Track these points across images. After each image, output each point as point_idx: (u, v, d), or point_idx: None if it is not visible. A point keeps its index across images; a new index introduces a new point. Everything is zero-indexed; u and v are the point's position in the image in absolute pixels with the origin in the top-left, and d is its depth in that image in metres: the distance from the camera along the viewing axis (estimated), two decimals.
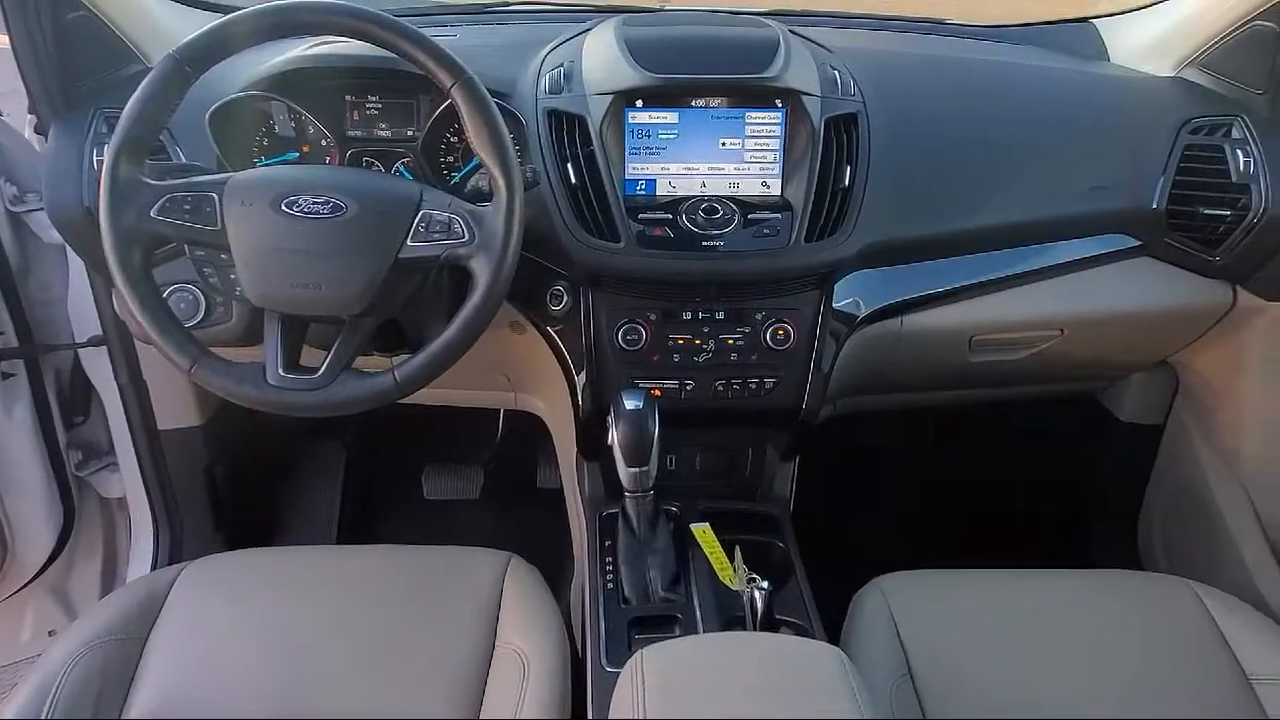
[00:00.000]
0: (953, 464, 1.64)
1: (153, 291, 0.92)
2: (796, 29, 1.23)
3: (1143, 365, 1.40)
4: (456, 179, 1.16)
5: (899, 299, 1.15)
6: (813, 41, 1.21)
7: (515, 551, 1.13)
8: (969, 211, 1.15)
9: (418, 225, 0.91)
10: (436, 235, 0.92)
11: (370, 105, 1.14)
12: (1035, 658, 1.01)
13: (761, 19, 1.21)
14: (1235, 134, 1.18)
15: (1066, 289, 1.20)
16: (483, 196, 0.97)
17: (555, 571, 1.35)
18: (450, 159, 1.16)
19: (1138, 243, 1.20)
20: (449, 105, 0.94)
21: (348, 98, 1.13)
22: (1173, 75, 1.30)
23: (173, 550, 1.44)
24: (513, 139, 1.10)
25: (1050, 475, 1.65)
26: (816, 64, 1.14)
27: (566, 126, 1.07)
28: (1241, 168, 1.15)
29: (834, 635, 1.06)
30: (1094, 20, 1.47)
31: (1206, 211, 1.16)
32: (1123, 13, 1.43)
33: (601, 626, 0.98)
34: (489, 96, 0.92)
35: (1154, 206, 1.17)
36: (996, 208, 1.16)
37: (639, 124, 1.10)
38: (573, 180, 1.06)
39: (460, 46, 1.17)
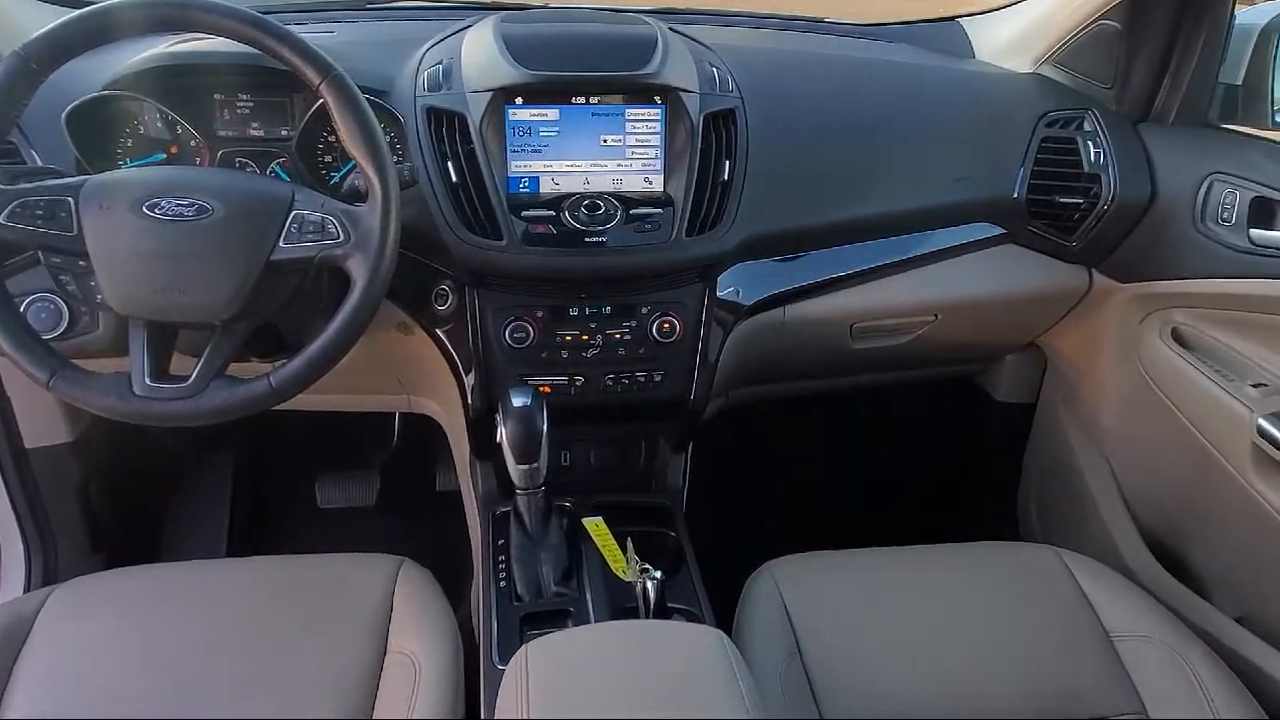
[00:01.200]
0: (843, 448, 1.70)
1: (5, 301, 0.87)
2: (677, 27, 1.25)
3: (1013, 347, 1.47)
4: (336, 179, 1.14)
5: (781, 290, 1.19)
6: (692, 39, 1.23)
7: (415, 556, 1.11)
8: (843, 203, 1.19)
9: (290, 226, 0.89)
10: (310, 236, 0.90)
11: (241, 104, 1.10)
12: (916, 629, 1.06)
13: (641, 17, 1.23)
14: (1087, 126, 1.25)
15: (939, 276, 1.26)
16: (360, 196, 0.95)
17: (457, 574, 1.34)
18: (328, 159, 1.14)
19: (1002, 231, 1.26)
20: (323, 103, 0.92)
21: (216, 96, 1.10)
22: (1031, 72, 1.37)
23: (46, 574, 1.36)
24: (391, 137, 1.09)
25: (934, 455, 1.72)
26: (695, 61, 1.16)
27: (446, 124, 1.07)
28: (1093, 158, 1.22)
29: (729, 621, 1.08)
30: (960, 19, 1.53)
31: (1062, 200, 1.23)
32: (986, 12, 1.50)
33: (494, 625, 0.98)
34: (359, 94, 0.91)
35: (1015, 196, 1.23)
36: (869, 199, 1.20)
37: (520, 121, 1.09)
38: (453, 179, 1.05)
39: (337, 44, 1.14)
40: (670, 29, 1.21)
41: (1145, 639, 1.04)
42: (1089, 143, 1.23)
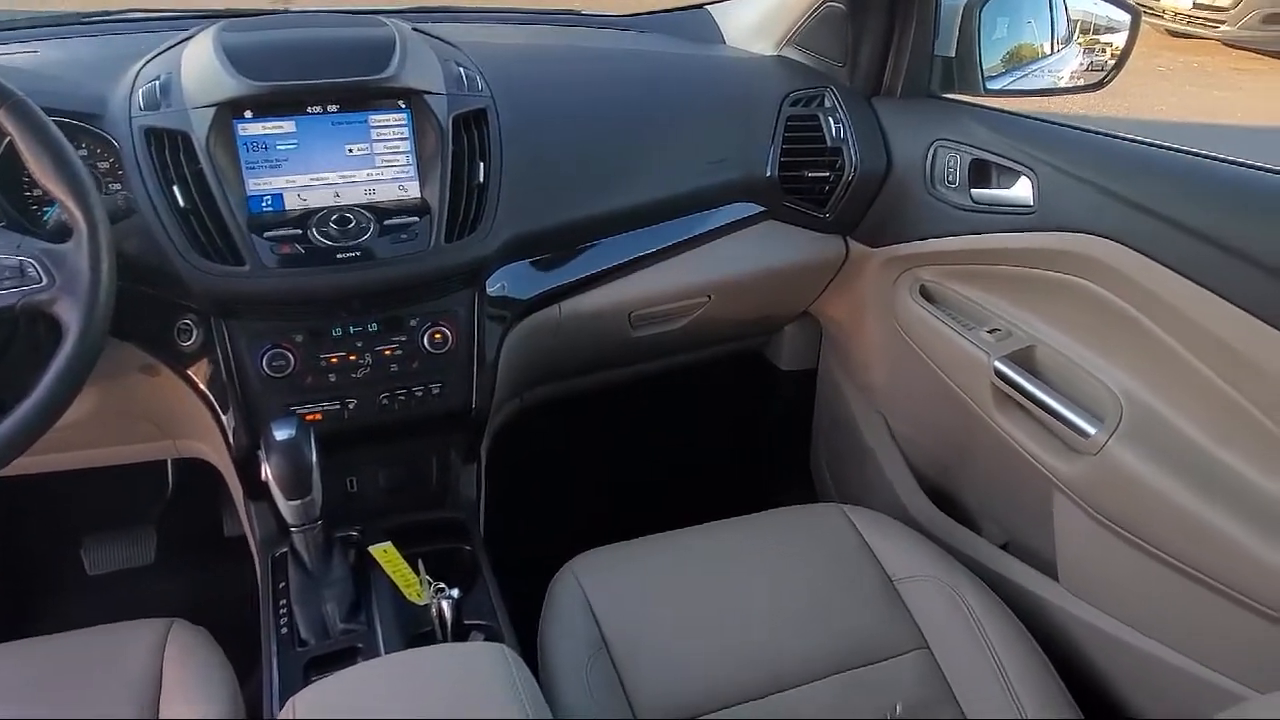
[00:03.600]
0: (643, 436, 1.72)
1: None
2: (421, 26, 1.21)
3: (788, 318, 1.54)
4: (49, 215, 1.02)
5: (553, 286, 1.18)
6: (437, 38, 1.20)
7: (203, 613, 1.03)
8: (605, 195, 1.20)
9: None
10: (7, 283, 0.80)
11: None
12: (716, 605, 1.09)
13: (378, 17, 1.18)
14: (827, 103, 1.32)
15: (708, 258, 1.29)
16: (69, 233, 0.86)
17: (255, 623, 1.25)
18: (36, 193, 1.02)
19: (762, 208, 1.31)
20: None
21: None
22: (775, 54, 1.43)
23: None
24: (110, 164, 0.99)
25: (731, 429, 1.78)
26: (440, 61, 1.12)
27: (168, 145, 0.98)
28: (834, 133, 1.29)
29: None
30: (708, 6, 1.58)
31: (811, 175, 1.29)
32: None
33: (274, 675, 0.92)
34: (45, 120, 0.82)
35: (768, 175, 1.28)
36: (631, 189, 1.22)
37: (252, 136, 1.02)
38: (181, 203, 0.97)
39: (38, 64, 1.02)
40: (413, 29, 1.17)
41: (923, 579, 1.11)
42: (830, 119, 1.30)
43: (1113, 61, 1.29)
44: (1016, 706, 0.98)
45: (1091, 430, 1.04)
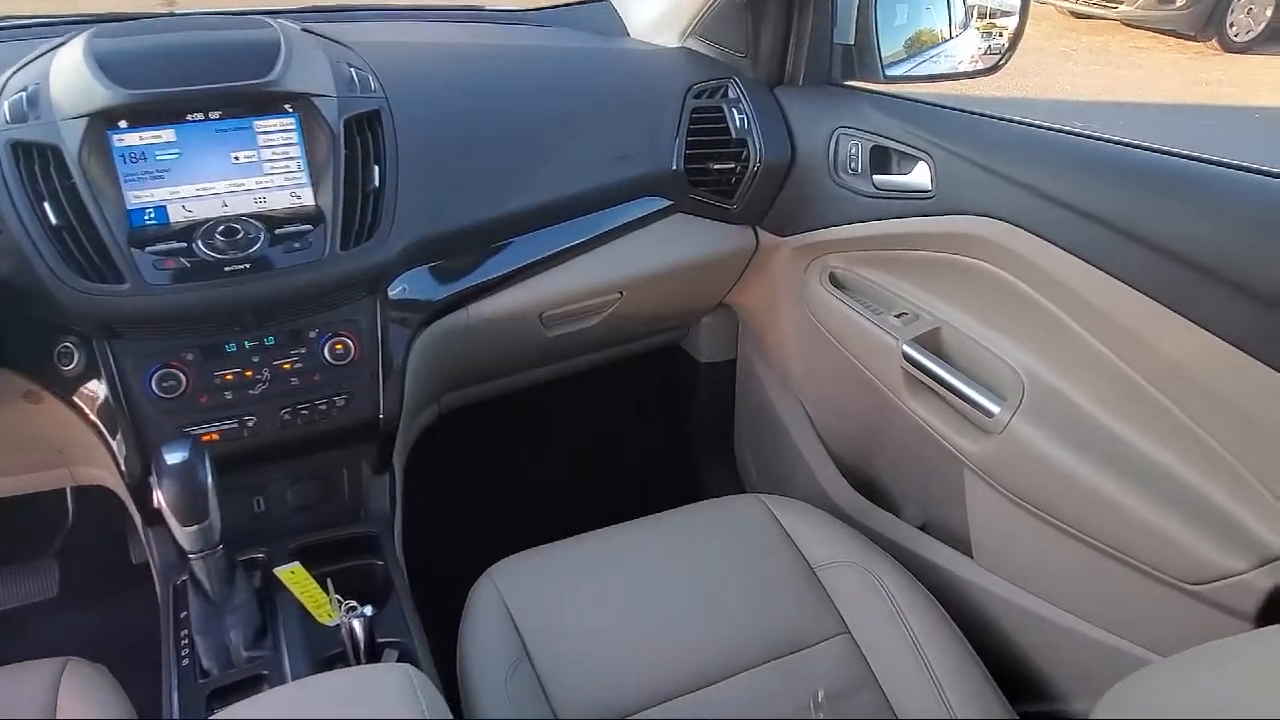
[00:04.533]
0: (567, 435, 1.71)
1: None
2: (311, 27, 1.17)
3: (704, 310, 1.54)
4: None
5: (459, 290, 1.16)
6: (328, 39, 1.16)
7: (111, 645, 0.98)
8: (509, 195, 1.17)
9: None
10: None
11: None
12: (641, 604, 1.08)
13: (263, 18, 1.13)
14: (730, 94, 1.32)
15: (618, 254, 1.28)
16: None
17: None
18: None
19: (670, 202, 1.30)
20: None
21: None
22: (679, 46, 1.42)
23: None
24: None
25: (656, 424, 1.78)
26: (330, 62, 1.08)
27: (37, 159, 0.93)
28: (739, 124, 1.29)
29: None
30: None
31: (716, 167, 1.29)
32: None
33: (175, 710, 0.88)
34: None
35: (674, 168, 1.28)
36: (536, 188, 1.20)
37: (129, 147, 0.97)
38: (54, 220, 0.92)
39: None
40: (302, 29, 1.13)
41: (843, 564, 1.12)
42: (734, 110, 1.30)
43: (1005, 45, 1.32)
44: (935, 684, 0.99)
45: (995, 409, 1.06)
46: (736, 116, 1.30)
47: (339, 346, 1.04)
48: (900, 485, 1.37)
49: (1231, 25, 7.17)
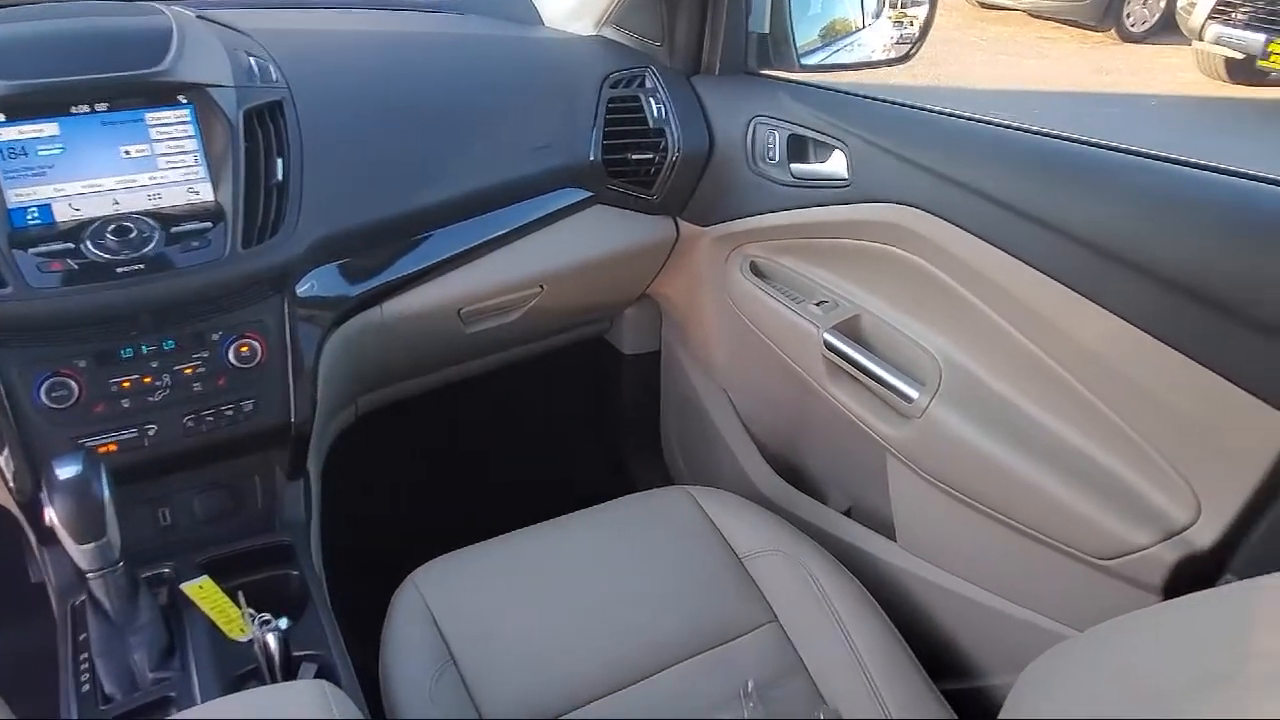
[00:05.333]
0: (493, 432, 1.68)
1: None
2: (208, 14, 1.11)
3: (626, 302, 1.53)
4: None
5: (372, 287, 1.12)
6: (226, 26, 1.11)
7: (9, 671, 0.92)
8: (422, 189, 1.14)
9: None
10: None
11: None
12: (567, 600, 1.06)
13: (155, 4, 1.07)
14: (648, 84, 1.31)
15: (537, 247, 1.26)
16: None
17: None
18: None
19: (589, 194, 1.28)
20: None
21: None
22: (594, 34, 1.40)
23: None
24: None
25: (580, 418, 1.76)
26: (228, 51, 1.03)
27: None
28: (656, 114, 1.28)
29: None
30: None
31: (635, 157, 1.28)
32: None
33: None
34: None
35: (592, 159, 1.26)
36: (451, 180, 1.16)
37: (7, 142, 0.91)
38: None
39: None
40: (198, 16, 1.07)
41: (769, 553, 1.12)
42: (651, 99, 1.29)
43: (916, 34, 1.33)
44: (861, 667, 1.00)
45: (914, 395, 1.07)
46: (654, 106, 1.28)
47: (244, 349, 1.00)
48: (824, 471, 1.38)
49: (1128, 16, 7.49)
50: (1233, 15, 5.89)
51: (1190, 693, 0.51)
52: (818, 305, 1.22)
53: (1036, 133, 1.02)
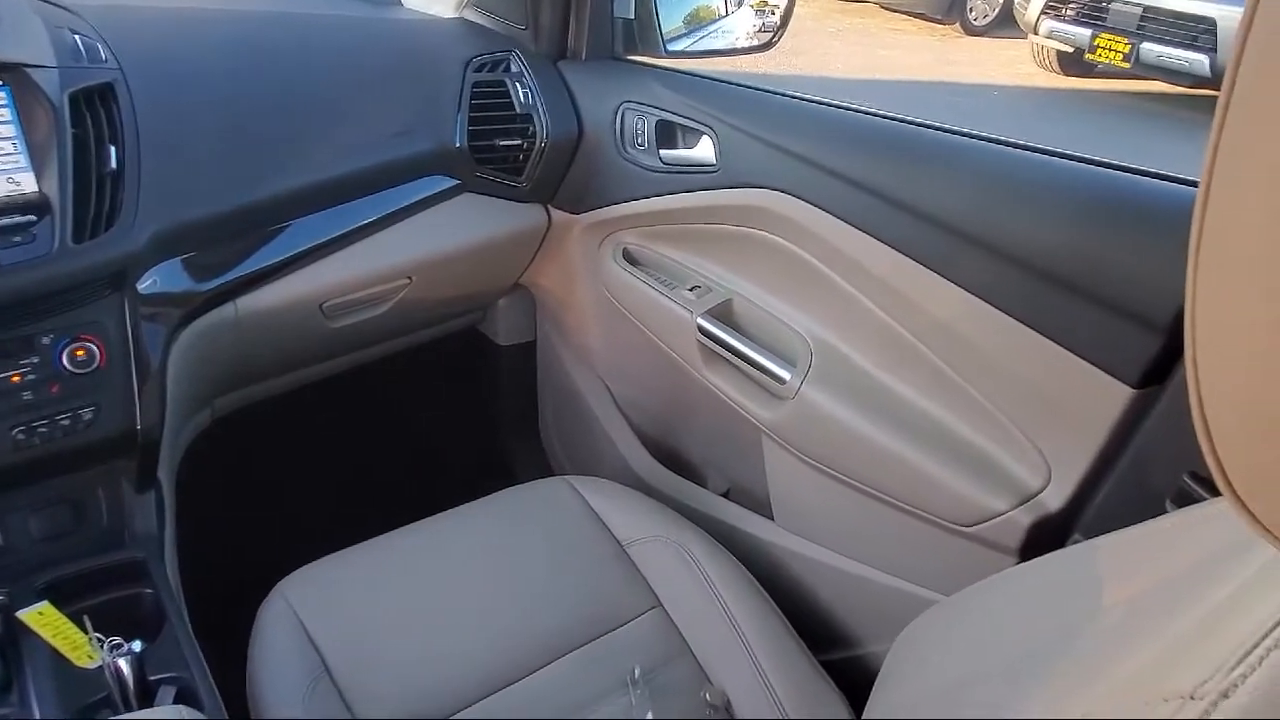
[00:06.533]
0: (365, 431, 1.61)
1: None
2: None
3: (499, 292, 1.50)
4: None
5: (224, 282, 1.05)
6: (48, 2, 1.01)
7: None
8: (275, 176, 1.08)
9: None
10: None
11: None
12: (448, 600, 1.04)
13: None
14: (513, 68, 1.28)
15: (404, 237, 1.21)
16: None
17: None
18: None
19: (456, 181, 1.25)
20: None
21: None
22: (456, 16, 1.36)
23: None
24: None
25: (458, 411, 1.72)
26: (50, 29, 0.94)
27: None
28: (522, 99, 1.26)
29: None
30: None
31: (502, 143, 1.25)
32: None
33: None
34: None
35: (457, 145, 1.22)
36: (307, 166, 1.10)
37: None
38: None
39: None
40: None
41: (651, 539, 1.13)
42: (516, 84, 1.26)
43: (778, 23, 1.36)
44: (744, 645, 1.02)
45: (787, 376, 1.09)
46: (520, 91, 1.26)
47: (80, 353, 0.92)
48: (703, 455, 1.40)
49: (971, 10, 7.93)
50: (1063, 10, 6.32)
51: (1048, 647, 0.54)
52: (691, 291, 1.22)
53: (894, 119, 1.05)
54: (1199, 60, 5.61)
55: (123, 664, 0.82)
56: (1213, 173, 0.25)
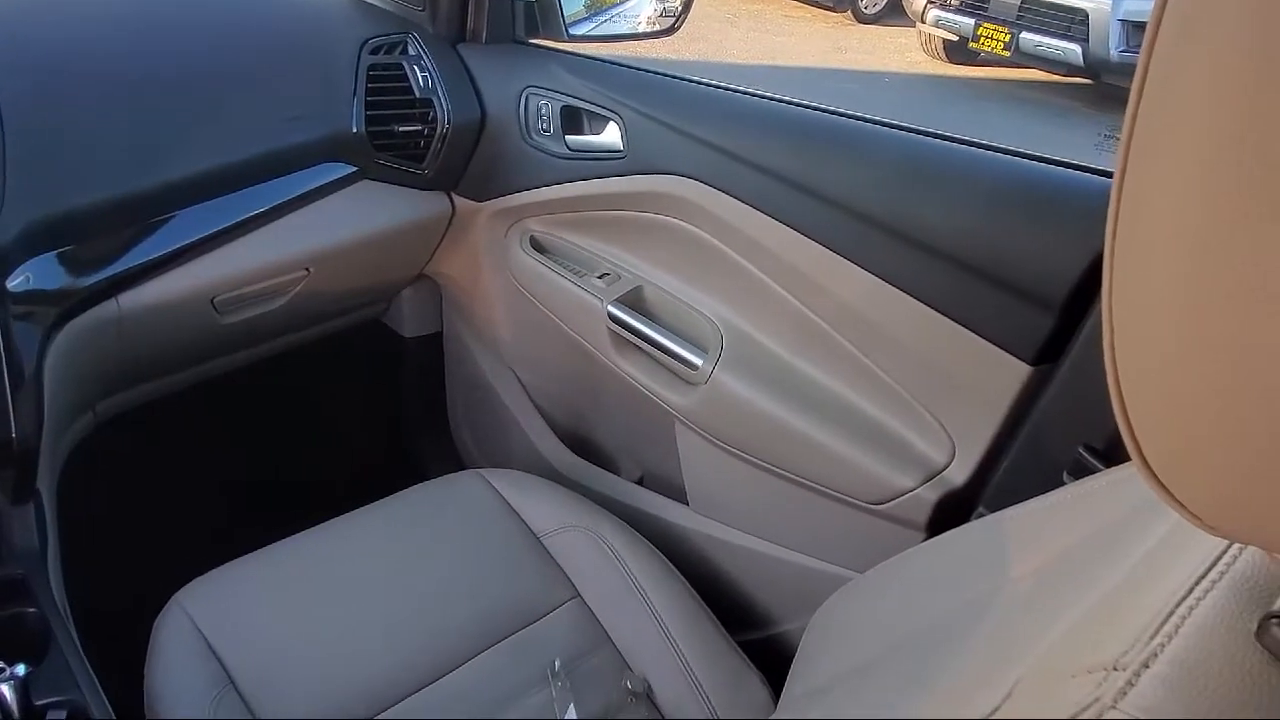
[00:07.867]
0: (265, 430, 1.55)
1: None
2: None
3: (402, 283, 1.46)
4: None
5: (105, 276, 0.98)
6: None
7: None
8: (155, 165, 1.01)
9: None
10: None
11: None
12: (359, 602, 1.00)
13: None
14: (411, 51, 1.24)
15: (299, 227, 1.16)
16: None
17: None
18: None
19: (354, 168, 1.20)
20: None
21: None
22: None
23: None
24: None
25: (364, 407, 1.67)
26: None
27: None
28: (422, 83, 1.22)
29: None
30: None
31: (402, 129, 1.21)
32: None
33: None
34: None
35: (355, 130, 1.17)
36: (188, 156, 1.04)
37: None
38: None
39: None
40: None
41: (567, 529, 1.12)
42: (415, 67, 1.22)
43: (680, 7, 1.36)
44: (663, 631, 1.02)
45: (698, 362, 1.10)
46: (419, 75, 1.22)
47: None
48: (616, 443, 1.39)
49: None
50: (948, 0, 6.55)
51: (961, 620, 0.55)
52: (600, 278, 1.22)
53: (795, 104, 1.07)
54: (1073, 50, 5.91)
55: (5, 689, 0.77)
56: (1127, 158, 0.26)
